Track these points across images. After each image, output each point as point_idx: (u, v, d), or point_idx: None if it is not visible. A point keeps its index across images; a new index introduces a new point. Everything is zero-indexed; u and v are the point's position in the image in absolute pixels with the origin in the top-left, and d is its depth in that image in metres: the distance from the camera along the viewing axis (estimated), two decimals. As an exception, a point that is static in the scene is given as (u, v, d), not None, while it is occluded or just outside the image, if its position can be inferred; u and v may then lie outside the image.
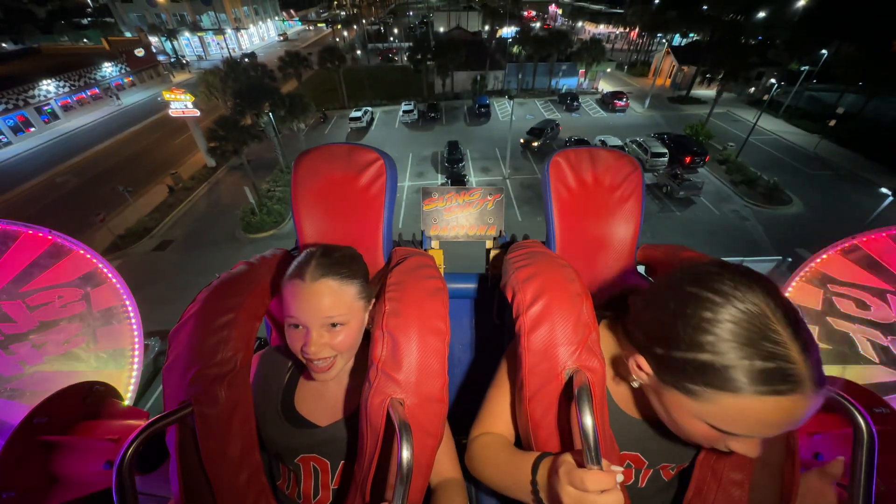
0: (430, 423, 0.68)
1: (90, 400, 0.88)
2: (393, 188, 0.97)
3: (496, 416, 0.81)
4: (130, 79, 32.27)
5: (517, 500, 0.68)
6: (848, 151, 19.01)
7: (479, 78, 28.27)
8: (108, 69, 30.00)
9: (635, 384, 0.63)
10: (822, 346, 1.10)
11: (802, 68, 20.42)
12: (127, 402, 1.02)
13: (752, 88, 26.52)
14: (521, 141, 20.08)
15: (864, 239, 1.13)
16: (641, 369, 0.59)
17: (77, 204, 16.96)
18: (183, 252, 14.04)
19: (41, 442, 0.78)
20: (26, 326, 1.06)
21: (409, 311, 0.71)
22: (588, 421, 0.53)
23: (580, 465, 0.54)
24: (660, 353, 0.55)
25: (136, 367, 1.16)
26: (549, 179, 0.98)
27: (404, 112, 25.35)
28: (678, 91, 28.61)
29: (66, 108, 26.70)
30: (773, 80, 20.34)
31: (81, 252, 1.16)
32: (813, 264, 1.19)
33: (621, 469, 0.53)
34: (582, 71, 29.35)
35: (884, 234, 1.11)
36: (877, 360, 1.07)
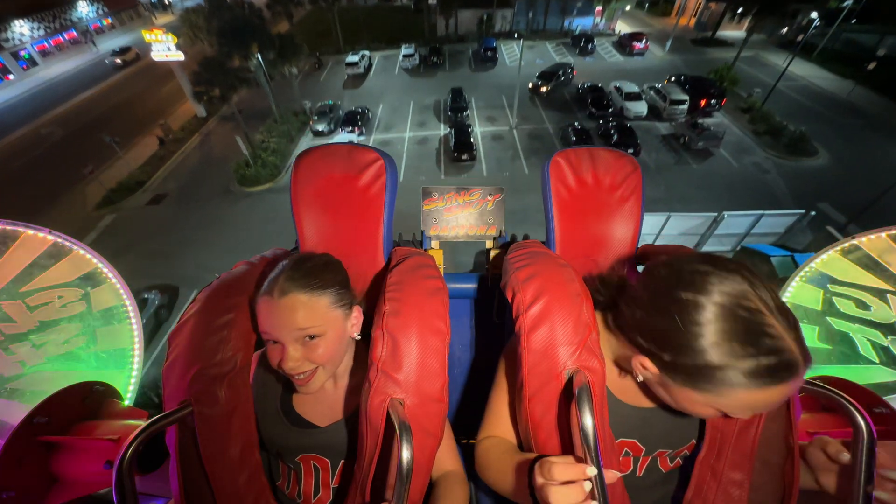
0: (430, 422, 0.69)
1: (90, 400, 0.90)
2: (393, 188, 0.96)
3: (498, 418, 0.81)
4: (109, 20, 29.99)
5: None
6: (885, 99, 17.12)
7: (485, 17, 26.12)
8: (84, 10, 27.83)
9: (640, 379, 0.64)
10: (822, 346, 1.11)
11: (844, 4, 18.07)
12: (127, 402, 1.03)
13: (785, 29, 23.71)
14: (530, 85, 18.80)
15: (864, 239, 1.12)
16: (647, 369, 0.61)
17: (64, 157, 16.40)
18: (178, 206, 13.63)
19: (41, 442, 0.79)
20: (26, 326, 1.07)
21: (409, 311, 0.71)
22: (588, 421, 0.54)
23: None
24: (667, 360, 0.57)
25: (135, 367, 1.18)
26: (549, 179, 0.97)
27: (404, 57, 23.80)
28: (703, 32, 25.86)
29: (45, 54, 25.54)
30: (813, 15, 18.06)
31: (81, 252, 1.17)
32: (813, 264, 1.18)
33: (595, 472, 0.55)
34: (599, 9, 27.07)
35: (884, 234, 1.11)
36: (877, 360, 1.07)
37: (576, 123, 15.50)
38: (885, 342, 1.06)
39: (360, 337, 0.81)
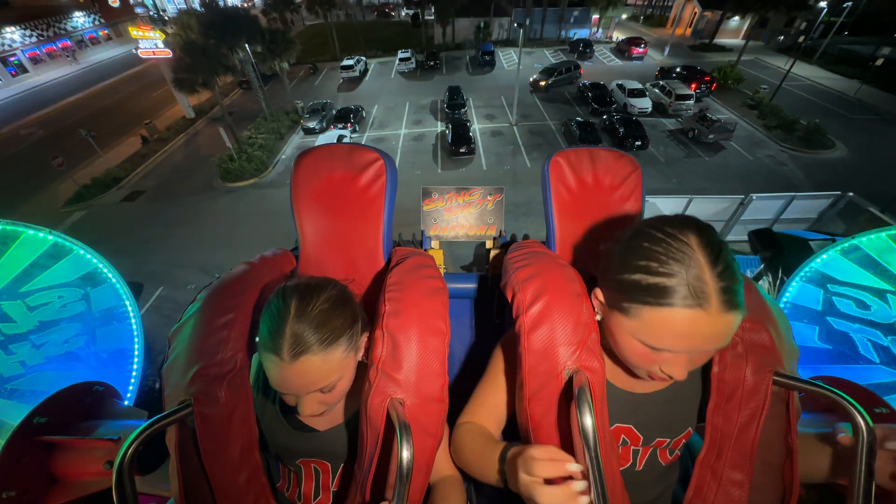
0: (430, 422, 0.69)
1: (90, 400, 0.90)
2: (393, 188, 0.96)
3: (481, 406, 0.83)
4: (105, 32, 29.97)
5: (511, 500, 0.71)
6: (892, 96, 17.29)
7: (482, 25, 26.27)
8: (79, 19, 27.82)
9: (598, 318, 0.69)
10: (822, 346, 1.11)
11: (833, 19, 18.67)
12: (127, 402, 1.04)
13: (782, 37, 24.31)
14: (531, 80, 18.79)
15: (864, 239, 1.13)
16: (597, 300, 0.67)
17: (41, 155, 15.76)
18: (154, 203, 13.23)
19: (41, 442, 0.79)
20: (26, 326, 1.07)
21: (409, 311, 0.71)
22: (588, 421, 0.54)
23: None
24: (607, 279, 0.64)
25: (136, 367, 1.18)
26: (549, 179, 0.97)
27: (401, 60, 23.80)
28: (700, 39, 26.36)
29: (36, 62, 25.37)
30: (822, 13, 18.07)
31: (81, 252, 1.16)
32: (813, 264, 1.19)
33: (580, 467, 0.57)
34: (595, 18, 27.43)
35: (884, 235, 1.12)
36: (877, 360, 1.07)
37: (578, 118, 15.21)
38: (885, 342, 1.06)
39: (366, 360, 0.79)
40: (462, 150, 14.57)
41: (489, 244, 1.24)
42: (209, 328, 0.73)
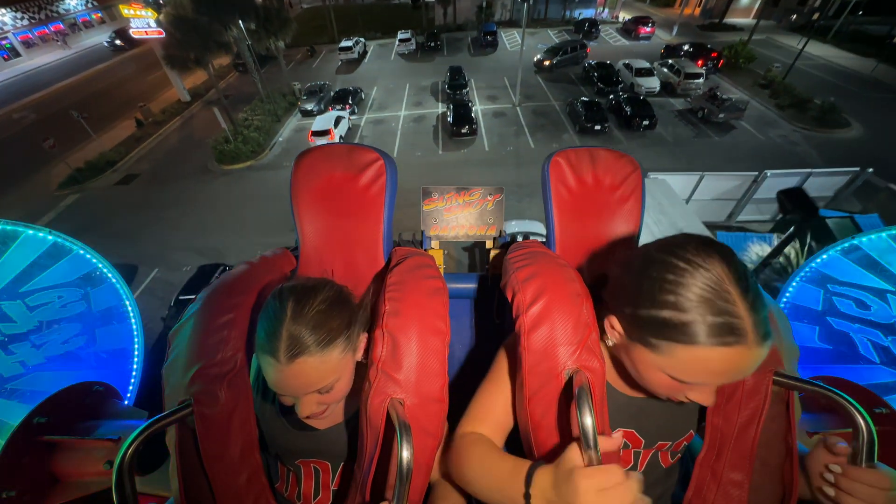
0: (430, 422, 0.69)
1: (90, 400, 0.90)
2: (393, 188, 0.96)
3: (485, 414, 0.79)
4: (99, 15, 29.14)
5: None
6: None
7: (484, 5, 25.49)
8: (72, 2, 27.08)
9: (609, 343, 0.67)
10: (821, 346, 1.11)
11: None
12: (127, 402, 1.05)
13: (794, 16, 23.25)
14: (535, 60, 18.26)
15: (864, 239, 1.13)
16: (614, 329, 0.64)
17: (33, 139, 15.26)
18: (149, 186, 12.97)
19: (41, 442, 0.79)
20: (26, 326, 1.07)
21: (409, 311, 0.71)
22: (588, 421, 0.54)
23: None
24: (628, 312, 0.60)
25: (136, 367, 1.19)
26: (549, 179, 0.97)
27: (401, 41, 23.23)
28: (710, 19, 25.20)
29: (28, 45, 24.90)
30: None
31: (81, 252, 1.16)
32: (813, 264, 1.18)
33: (620, 441, 0.56)
34: None
35: (884, 235, 1.12)
36: (877, 360, 1.07)
37: (584, 98, 14.74)
38: (885, 342, 1.06)
39: (366, 360, 0.78)
40: (464, 131, 14.24)
41: (489, 244, 1.24)
42: (209, 328, 0.73)
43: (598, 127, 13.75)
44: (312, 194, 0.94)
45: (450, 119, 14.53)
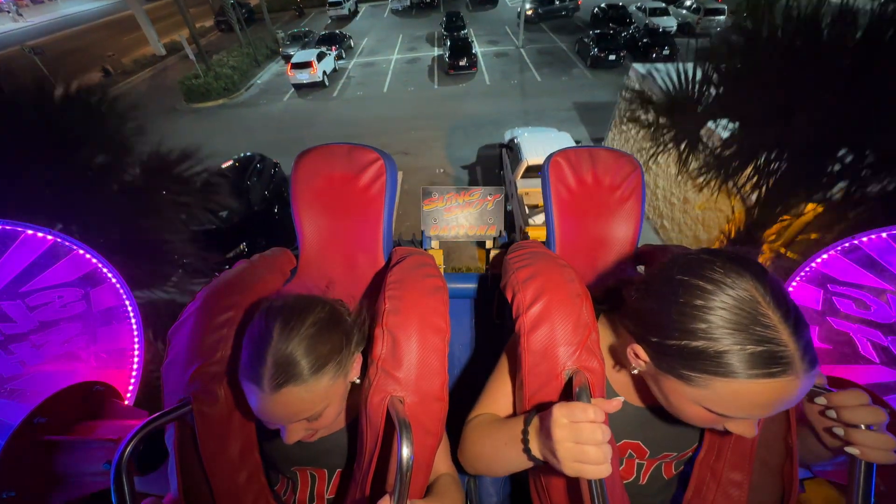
0: (429, 421, 0.69)
1: (90, 400, 0.91)
2: (393, 188, 0.96)
3: (494, 401, 0.80)
4: None
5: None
6: None
7: None
8: None
9: (635, 371, 0.63)
10: (821, 346, 1.11)
11: None
12: (127, 402, 1.04)
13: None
14: (522, 11, 16.65)
15: (865, 239, 1.12)
16: (639, 357, 0.60)
17: None
18: None
19: (41, 442, 0.79)
20: (26, 326, 1.05)
21: (409, 310, 0.71)
22: None
23: None
24: (655, 342, 0.56)
25: (136, 367, 1.18)
26: (549, 179, 0.98)
27: None
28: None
29: None
30: None
31: (81, 252, 1.16)
32: (813, 264, 1.17)
33: (620, 401, 0.55)
34: None
35: (884, 235, 1.10)
36: (877, 360, 1.07)
37: (596, 30, 13.60)
38: (884, 342, 1.06)
39: (359, 379, 0.77)
40: (462, 64, 13.22)
41: (489, 244, 1.25)
42: (208, 326, 0.73)
43: (612, 57, 12.58)
44: (312, 194, 0.94)
45: (447, 54, 13.41)
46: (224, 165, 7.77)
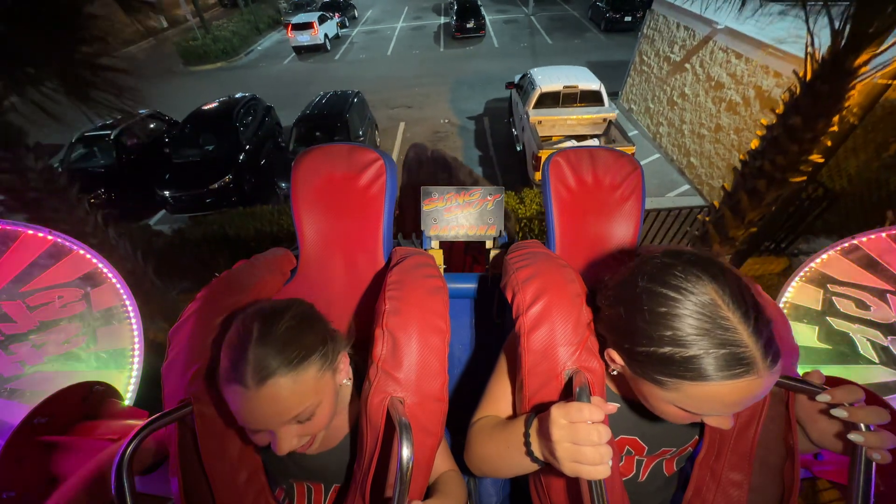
0: (430, 421, 0.69)
1: (90, 400, 0.89)
2: (393, 188, 0.97)
3: (496, 403, 0.81)
4: None
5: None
6: None
7: None
8: None
9: (614, 373, 0.66)
10: (822, 346, 1.12)
11: None
12: (127, 402, 1.04)
13: None
14: None
15: (864, 239, 1.13)
16: (615, 361, 0.63)
17: None
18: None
19: (41, 442, 0.78)
20: (26, 326, 1.06)
21: (409, 310, 0.71)
22: None
23: None
24: (626, 348, 0.58)
25: (136, 367, 1.18)
26: (549, 179, 0.98)
27: None
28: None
29: None
30: None
31: (81, 252, 1.17)
32: (813, 264, 1.19)
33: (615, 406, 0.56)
34: None
35: (884, 235, 1.12)
36: (877, 360, 1.07)
37: None
38: (885, 342, 1.06)
39: (350, 381, 0.77)
40: (469, 26, 12.93)
41: (489, 244, 1.25)
42: (209, 326, 0.73)
43: (628, 18, 12.33)
44: (312, 194, 0.94)
45: (453, 16, 13.01)
46: (208, 106, 8.06)
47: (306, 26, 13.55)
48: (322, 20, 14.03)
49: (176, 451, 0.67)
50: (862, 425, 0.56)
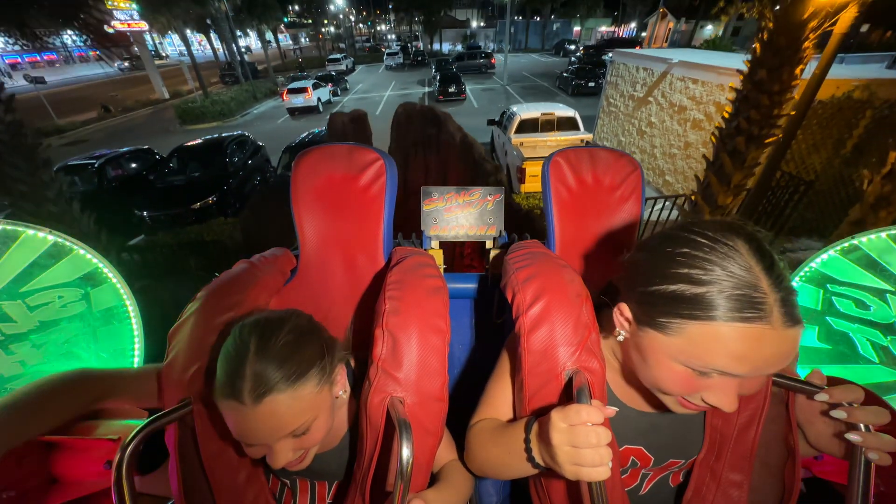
0: (430, 421, 0.69)
1: (90, 400, 0.89)
2: (393, 188, 0.97)
3: (495, 404, 0.80)
4: (97, 53, 30.83)
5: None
6: None
7: (468, 34, 27.46)
8: (68, 36, 28.64)
9: (619, 338, 0.63)
10: (822, 346, 1.12)
11: None
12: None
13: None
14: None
15: (864, 239, 1.12)
16: (622, 315, 0.61)
17: None
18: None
19: (41, 442, 0.77)
20: (26, 326, 1.06)
21: (409, 310, 0.71)
22: None
23: None
24: (639, 291, 0.57)
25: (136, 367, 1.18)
26: (549, 179, 0.98)
27: (388, 55, 25.08)
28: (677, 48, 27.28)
29: (14, 68, 27.47)
30: None
31: (81, 252, 1.16)
32: (813, 264, 1.18)
33: (615, 410, 0.55)
34: (577, 30, 30.32)
35: (884, 235, 1.11)
36: (877, 360, 1.07)
37: (574, 66, 15.72)
38: (885, 342, 1.06)
39: (347, 393, 0.76)
40: (451, 90, 14.75)
41: (489, 244, 1.24)
42: (208, 326, 0.73)
43: (591, 84, 14.69)
44: (312, 194, 0.94)
45: (436, 83, 14.92)
46: (196, 141, 8.64)
47: (301, 90, 14.56)
48: (316, 87, 15.25)
49: (175, 451, 0.67)
50: (861, 426, 0.56)
